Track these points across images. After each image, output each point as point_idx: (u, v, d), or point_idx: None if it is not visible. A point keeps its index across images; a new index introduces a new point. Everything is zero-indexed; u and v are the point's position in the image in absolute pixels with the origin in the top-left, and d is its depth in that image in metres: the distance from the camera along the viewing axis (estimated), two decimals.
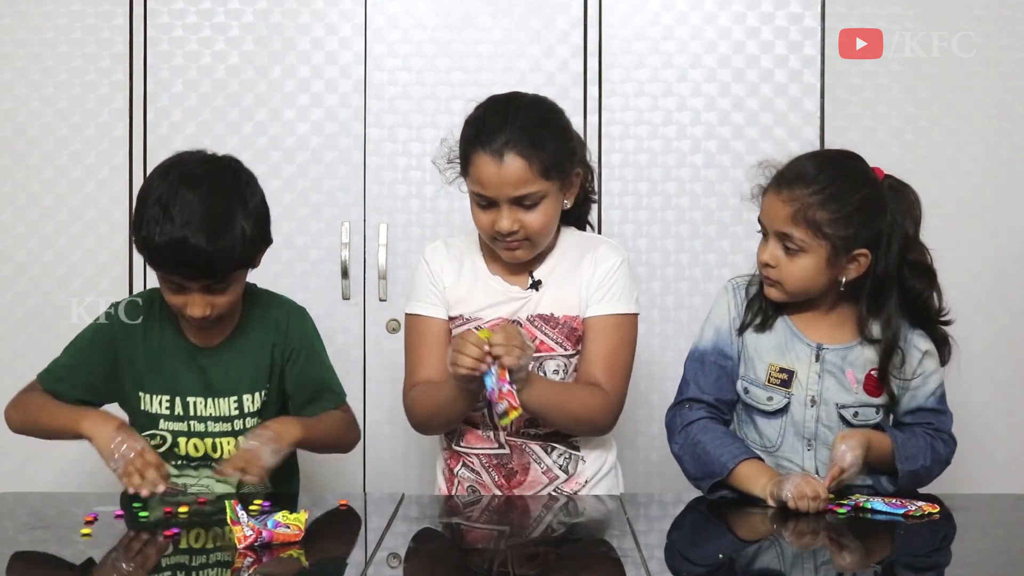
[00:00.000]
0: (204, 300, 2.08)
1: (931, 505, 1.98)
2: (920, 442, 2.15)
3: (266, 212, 2.15)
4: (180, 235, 2.00)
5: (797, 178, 2.11)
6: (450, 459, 2.26)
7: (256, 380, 2.21)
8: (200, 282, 2.06)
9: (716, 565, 1.83)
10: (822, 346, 2.16)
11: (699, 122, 2.88)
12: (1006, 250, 2.88)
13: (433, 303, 2.23)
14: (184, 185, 2.04)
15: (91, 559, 1.80)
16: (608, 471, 2.26)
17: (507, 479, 2.20)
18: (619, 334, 2.19)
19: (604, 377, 2.16)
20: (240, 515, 1.76)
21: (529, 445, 2.20)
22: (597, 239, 2.30)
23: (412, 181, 2.88)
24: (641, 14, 2.88)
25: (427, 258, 2.28)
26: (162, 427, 2.19)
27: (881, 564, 1.84)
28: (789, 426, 2.16)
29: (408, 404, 2.23)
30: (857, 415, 2.15)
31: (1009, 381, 2.89)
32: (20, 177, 2.90)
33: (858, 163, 2.17)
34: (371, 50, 2.88)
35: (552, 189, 2.13)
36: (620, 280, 2.20)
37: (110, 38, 2.88)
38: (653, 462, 2.83)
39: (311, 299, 2.87)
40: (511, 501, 2.15)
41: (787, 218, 2.09)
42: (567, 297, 2.20)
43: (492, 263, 2.24)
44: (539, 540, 1.96)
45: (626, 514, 2.05)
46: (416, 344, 2.24)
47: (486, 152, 2.09)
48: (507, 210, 2.11)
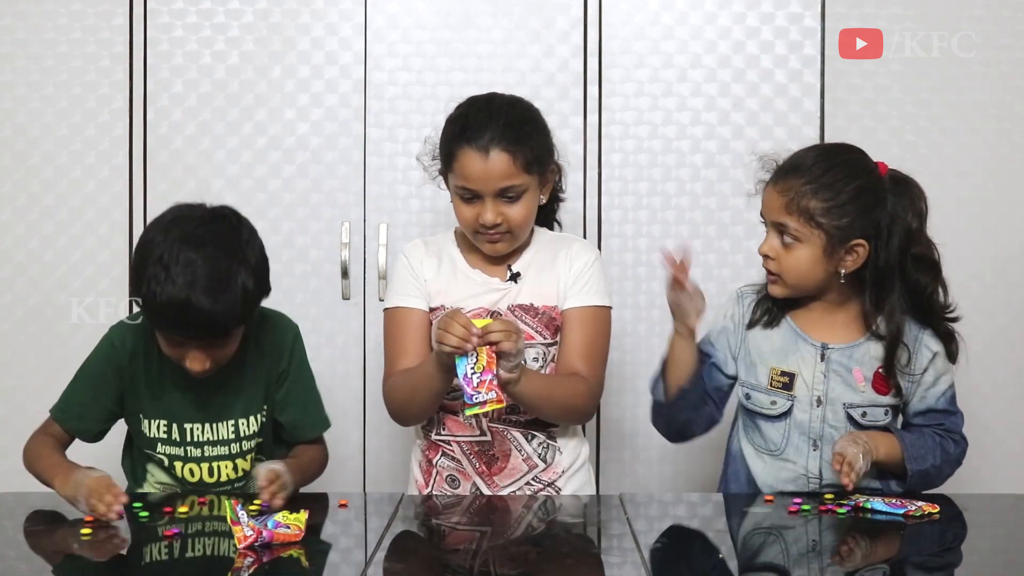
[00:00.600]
0: (203, 355, 2.07)
1: (931, 505, 1.98)
2: (929, 442, 2.15)
3: (266, 265, 2.14)
4: (183, 296, 1.98)
5: (793, 169, 2.14)
6: (428, 450, 2.29)
7: (252, 404, 2.21)
8: (201, 340, 2.06)
9: (716, 564, 1.83)
10: (827, 346, 2.16)
11: (699, 122, 2.88)
12: (1006, 250, 2.88)
13: (413, 295, 2.29)
14: (186, 244, 2.01)
15: (92, 559, 1.81)
16: (582, 464, 2.32)
17: (488, 465, 2.24)
18: (596, 325, 2.27)
19: (584, 366, 2.23)
20: (240, 515, 1.76)
21: (511, 431, 2.25)
22: (569, 237, 2.41)
23: (412, 181, 2.88)
24: (641, 14, 2.88)
25: (407, 254, 2.35)
26: (159, 450, 2.19)
27: (882, 564, 1.84)
28: (793, 428, 2.16)
29: (386, 393, 2.27)
30: (866, 415, 2.15)
31: (1009, 381, 2.89)
32: (20, 177, 2.89)
33: (856, 155, 2.18)
34: (371, 50, 2.88)
35: (532, 183, 2.23)
36: (595, 275, 2.29)
37: (110, 38, 2.88)
38: (652, 462, 2.83)
39: (311, 299, 2.87)
40: (499, 502, 2.15)
41: (782, 208, 2.11)
42: (545, 289, 2.28)
43: (470, 257, 2.32)
44: (537, 540, 1.96)
45: (626, 514, 2.05)
46: (396, 335, 2.28)
47: (472, 148, 2.19)
48: (491, 203, 2.20)
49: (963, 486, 2.71)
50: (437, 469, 2.27)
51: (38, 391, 2.84)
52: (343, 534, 1.98)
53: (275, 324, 2.26)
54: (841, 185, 2.10)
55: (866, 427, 2.15)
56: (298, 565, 1.75)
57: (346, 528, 2.01)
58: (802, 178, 2.11)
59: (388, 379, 2.27)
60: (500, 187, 2.19)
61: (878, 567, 1.82)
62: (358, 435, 2.89)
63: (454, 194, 2.26)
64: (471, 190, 2.21)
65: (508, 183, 2.19)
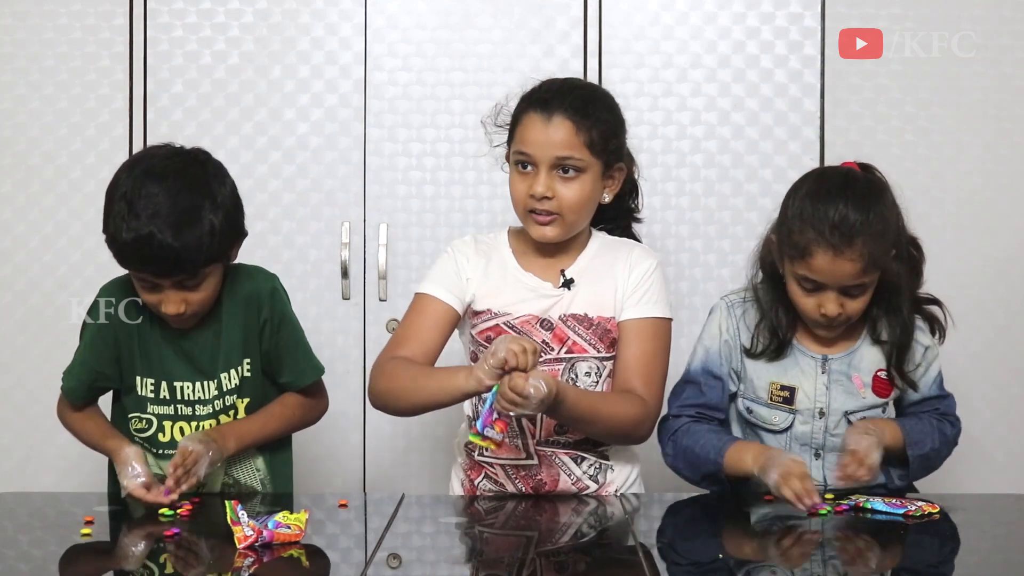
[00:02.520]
0: (178, 297, 2.05)
1: (931, 505, 1.98)
2: (927, 426, 2.18)
3: (237, 204, 2.12)
4: (146, 231, 1.98)
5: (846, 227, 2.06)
6: (470, 470, 2.20)
7: (231, 358, 2.17)
8: (170, 279, 2.03)
9: (716, 564, 1.83)
10: (827, 357, 2.16)
11: (699, 122, 2.88)
12: (1006, 250, 2.88)
13: (448, 288, 2.17)
14: (149, 179, 2.01)
15: (92, 560, 1.81)
16: (635, 479, 2.23)
17: (535, 490, 2.15)
18: (655, 339, 2.15)
19: (641, 384, 2.12)
20: (240, 515, 1.76)
21: (558, 455, 2.15)
22: (630, 243, 2.26)
23: (412, 181, 2.88)
24: (641, 14, 2.88)
25: (455, 248, 2.23)
26: (149, 411, 2.18)
27: (882, 564, 1.84)
28: (794, 440, 2.16)
29: (381, 372, 2.13)
30: (863, 418, 2.16)
31: (1009, 381, 2.89)
32: (20, 177, 2.89)
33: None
34: (371, 50, 2.88)
35: (593, 166, 2.11)
36: (656, 284, 2.17)
37: (110, 38, 2.88)
38: (653, 461, 2.82)
39: (311, 299, 2.87)
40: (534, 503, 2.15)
41: (858, 273, 2.06)
42: (601, 297, 2.16)
43: (523, 259, 2.20)
44: (537, 540, 1.96)
45: (626, 514, 2.05)
46: (413, 318, 2.17)
47: (536, 111, 2.11)
48: (545, 175, 2.09)
49: (963, 486, 2.72)
50: (480, 490, 2.18)
51: (38, 391, 2.85)
52: (343, 534, 1.98)
53: (251, 274, 2.22)
54: (887, 213, 2.07)
55: None
56: (298, 565, 1.75)
57: (346, 528, 2.01)
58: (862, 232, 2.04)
59: (387, 360, 2.13)
60: (557, 155, 2.08)
61: (878, 567, 1.82)
62: (358, 435, 2.89)
63: (512, 167, 2.15)
64: (527, 155, 2.10)
65: (566, 153, 2.08)
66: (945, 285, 2.38)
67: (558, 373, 2.13)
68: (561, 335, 2.15)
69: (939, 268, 2.82)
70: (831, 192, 2.06)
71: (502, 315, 2.17)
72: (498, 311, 2.17)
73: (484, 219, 2.85)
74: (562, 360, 2.15)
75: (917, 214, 2.82)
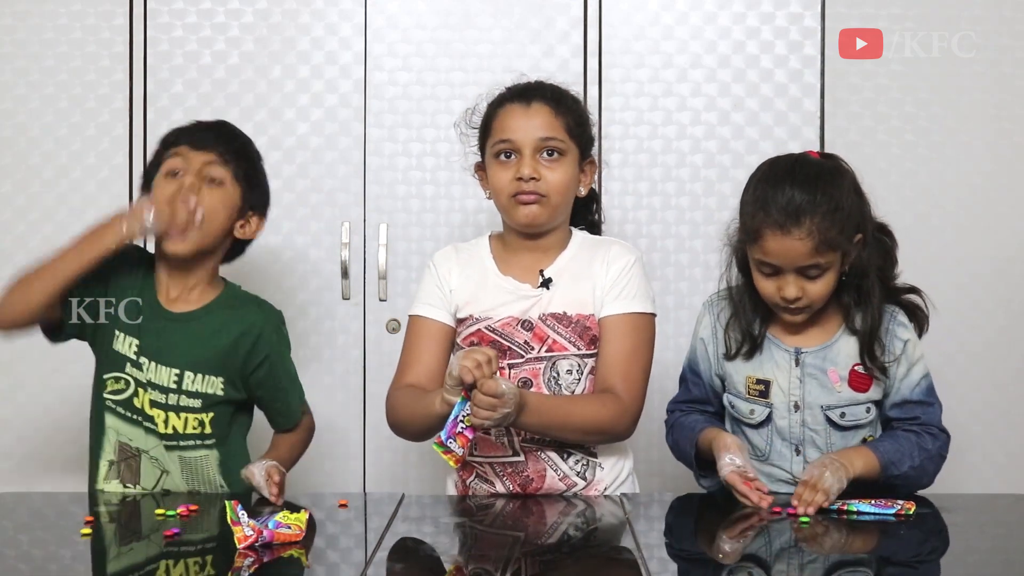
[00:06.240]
0: (196, 185, 2.18)
1: (910, 503, 1.96)
2: (904, 444, 2.10)
3: (266, 180, 2.35)
4: (195, 120, 2.32)
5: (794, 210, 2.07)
6: (462, 470, 2.21)
7: (201, 362, 2.19)
8: (205, 151, 2.21)
9: (716, 564, 1.83)
10: (800, 350, 2.15)
11: (699, 122, 2.88)
12: (1006, 250, 2.88)
13: (436, 305, 2.23)
14: (200, 123, 2.32)
15: (92, 559, 1.81)
16: (626, 477, 2.22)
17: (523, 487, 2.15)
18: (635, 335, 2.16)
19: (620, 382, 2.13)
20: (240, 515, 1.76)
21: (545, 451, 2.16)
22: (609, 240, 2.29)
23: (412, 181, 2.88)
24: (641, 14, 2.88)
25: (435, 262, 2.27)
26: (127, 371, 2.19)
27: (881, 564, 1.84)
28: (775, 434, 2.16)
29: (390, 404, 2.21)
30: (844, 415, 2.13)
31: (1009, 381, 2.89)
32: (20, 177, 2.89)
33: (833, 162, 2.14)
34: (371, 50, 2.88)
35: (572, 151, 2.19)
36: (635, 279, 2.18)
37: (110, 38, 2.88)
38: (653, 461, 2.83)
39: (311, 299, 2.87)
40: (522, 503, 2.15)
41: (810, 251, 2.06)
42: (579, 295, 2.17)
43: (502, 263, 2.23)
44: (536, 539, 1.96)
45: (626, 514, 2.05)
46: (412, 343, 2.23)
47: (514, 102, 2.20)
48: (530, 158, 2.14)
49: (962, 486, 2.72)
50: (472, 490, 2.19)
51: (38, 391, 2.85)
52: (343, 534, 1.98)
53: (260, 305, 2.29)
54: (839, 194, 2.08)
55: (846, 428, 2.13)
56: (298, 565, 1.75)
57: (346, 528, 2.01)
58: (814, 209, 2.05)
59: (394, 390, 2.21)
60: (540, 136, 2.15)
61: (877, 567, 1.82)
62: (358, 435, 2.89)
63: (491, 160, 2.19)
64: (510, 141, 2.16)
65: (548, 133, 2.15)
66: (945, 285, 2.38)
67: (539, 372, 2.15)
68: (541, 334, 2.16)
69: (939, 268, 2.83)
70: (779, 175, 2.09)
71: (483, 320, 2.19)
72: (479, 316, 2.20)
73: (484, 219, 2.85)
74: (543, 359, 2.16)
75: (917, 214, 2.85)
